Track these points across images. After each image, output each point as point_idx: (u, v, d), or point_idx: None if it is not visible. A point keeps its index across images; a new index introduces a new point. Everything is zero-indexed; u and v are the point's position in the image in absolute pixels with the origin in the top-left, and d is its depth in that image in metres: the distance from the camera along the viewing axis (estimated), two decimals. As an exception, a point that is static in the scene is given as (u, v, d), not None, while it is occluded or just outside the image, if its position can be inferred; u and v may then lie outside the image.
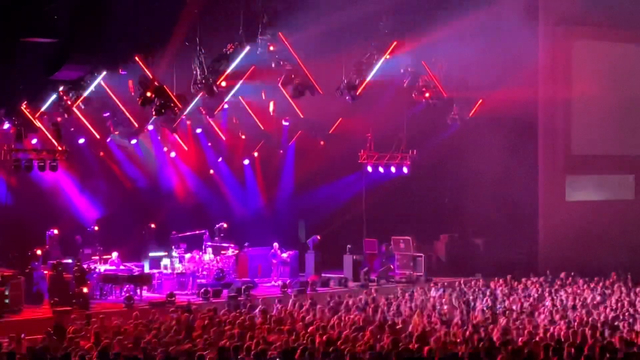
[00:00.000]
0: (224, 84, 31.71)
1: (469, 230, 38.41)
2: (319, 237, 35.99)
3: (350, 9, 30.84)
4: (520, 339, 20.28)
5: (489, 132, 36.65)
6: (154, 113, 30.43)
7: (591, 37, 38.65)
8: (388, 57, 33.90)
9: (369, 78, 33.68)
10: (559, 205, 38.34)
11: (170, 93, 29.94)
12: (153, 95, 29.43)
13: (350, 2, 30.93)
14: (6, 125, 30.18)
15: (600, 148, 38.91)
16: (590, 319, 23.67)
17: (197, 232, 34.21)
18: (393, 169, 37.26)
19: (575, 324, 22.89)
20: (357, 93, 33.51)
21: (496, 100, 36.24)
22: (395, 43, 33.73)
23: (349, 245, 35.76)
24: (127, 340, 20.06)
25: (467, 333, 21.06)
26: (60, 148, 30.42)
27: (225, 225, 34.97)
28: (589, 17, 37.66)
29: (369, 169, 37.44)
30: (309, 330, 21.14)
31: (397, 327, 22.25)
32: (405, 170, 37.18)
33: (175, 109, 30.51)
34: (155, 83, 29.46)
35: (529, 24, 36.39)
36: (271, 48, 31.55)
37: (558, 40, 37.82)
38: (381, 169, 37.36)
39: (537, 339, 20.31)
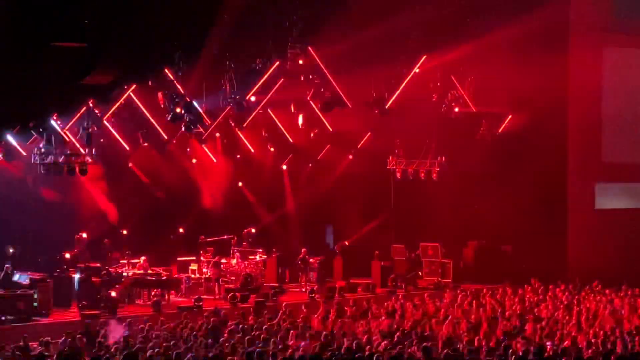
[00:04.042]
0: (253, 98, 31.80)
1: (498, 237, 38.23)
2: (347, 243, 35.95)
3: (380, 24, 30.84)
4: (548, 347, 20.19)
5: (518, 139, 36.53)
6: (183, 129, 30.61)
7: (622, 44, 38.44)
8: (417, 71, 33.90)
9: (397, 92, 33.71)
10: (588, 212, 38.12)
11: (199, 109, 30.08)
12: (182, 111, 29.60)
13: (380, 17, 30.91)
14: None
15: (630, 156, 38.64)
16: (619, 328, 23.53)
17: (226, 237, 34.25)
18: (422, 175, 37.16)
19: (604, 332, 22.76)
20: (386, 107, 33.54)
21: (526, 110, 36.19)
22: (424, 57, 33.72)
23: (377, 251, 35.74)
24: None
25: (495, 340, 20.99)
26: (88, 156, 30.44)
27: (253, 231, 35.01)
28: (620, 24, 37.48)
29: (398, 175, 37.40)
30: (336, 336, 21.14)
31: (425, 333, 22.22)
32: (434, 176, 37.07)
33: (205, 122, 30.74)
34: (186, 99, 29.62)
35: (560, 32, 36.26)
36: (300, 62, 31.62)
37: (588, 47, 37.60)
38: (410, 175, 37.28)
39: (565, 346, 20.22)
